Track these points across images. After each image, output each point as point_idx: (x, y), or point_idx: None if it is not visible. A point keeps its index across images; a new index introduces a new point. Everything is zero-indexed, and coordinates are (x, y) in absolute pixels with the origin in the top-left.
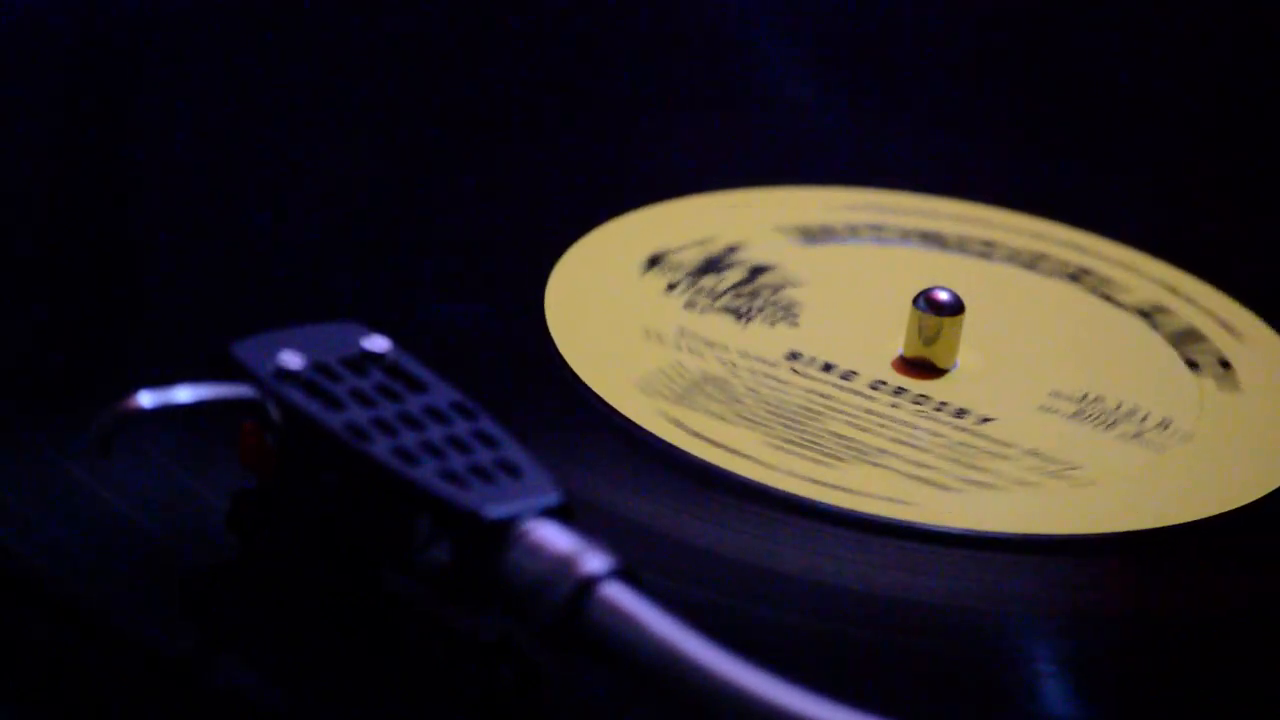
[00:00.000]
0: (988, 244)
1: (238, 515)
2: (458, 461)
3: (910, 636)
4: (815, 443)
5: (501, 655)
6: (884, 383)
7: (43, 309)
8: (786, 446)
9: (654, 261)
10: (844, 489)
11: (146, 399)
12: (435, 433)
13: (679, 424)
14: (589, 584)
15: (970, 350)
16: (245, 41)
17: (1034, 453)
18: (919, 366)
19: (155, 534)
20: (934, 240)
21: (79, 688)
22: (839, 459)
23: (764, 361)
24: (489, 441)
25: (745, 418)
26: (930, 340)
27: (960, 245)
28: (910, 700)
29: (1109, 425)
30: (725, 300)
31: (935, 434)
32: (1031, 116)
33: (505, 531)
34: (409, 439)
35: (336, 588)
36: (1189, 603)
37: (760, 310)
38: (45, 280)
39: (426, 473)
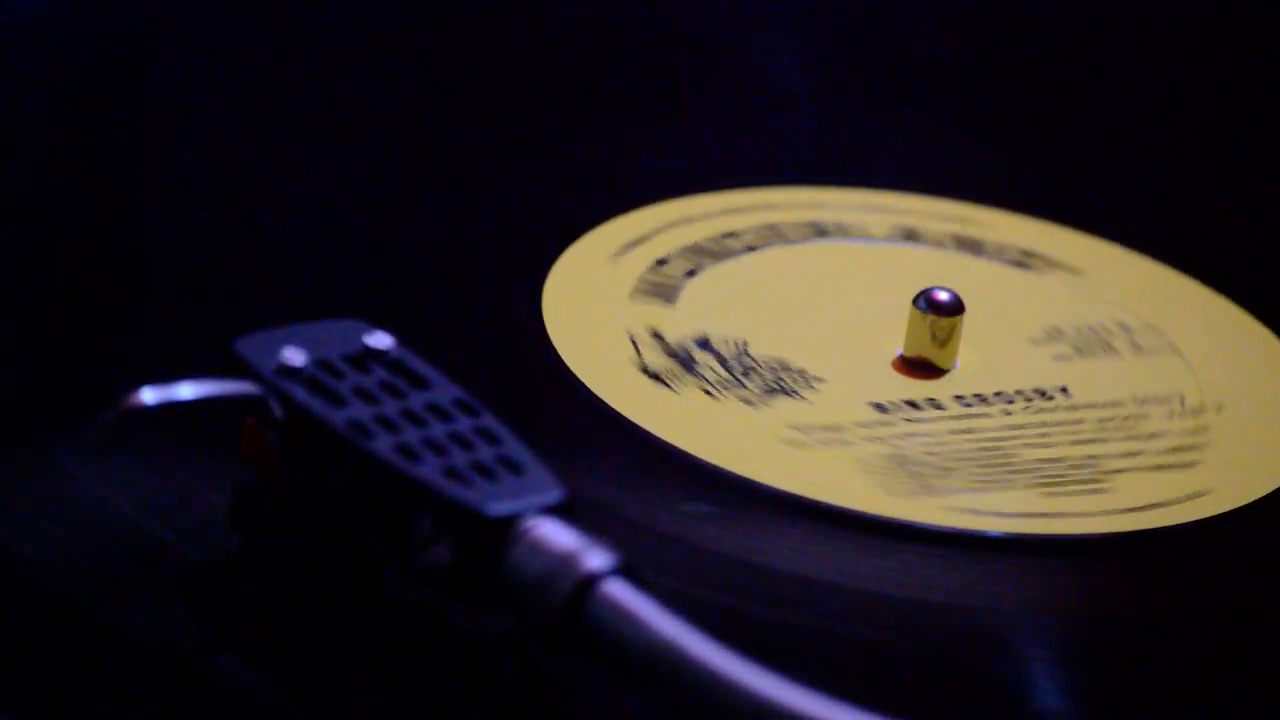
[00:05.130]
0: (814, 224)
1: (239, 513)
2: (460, 458)
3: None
4: (1061, 476)
5: (503, 654)
6: (965, 397)
7: (44, 309)
8: (1057, 491)
9: (655, 377)
10: (1147, 506)
11: (149, 395)
12: (438, 429)
13: (971, 511)
14: (590, 581)
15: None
16: (246, 41)
17: (1144, 400)
18: (920, 366)
19: (155, 533)
20: (775, 234)
21: (79, 688)
22: (1099, 481)
23: (877, 425)
24: (491, 438)
25: (983, 480)
26: (944, 342)
27: (798, 234)
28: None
29: (1116, 349)
30: (753, 388)
31: (1079, 421)
32: (840, 90)
33: (507, 528)
34: (411, 436)
35: (337, 585)
36: None
37: (781, 381)
38: (46, 280)
39: (429, 470)
